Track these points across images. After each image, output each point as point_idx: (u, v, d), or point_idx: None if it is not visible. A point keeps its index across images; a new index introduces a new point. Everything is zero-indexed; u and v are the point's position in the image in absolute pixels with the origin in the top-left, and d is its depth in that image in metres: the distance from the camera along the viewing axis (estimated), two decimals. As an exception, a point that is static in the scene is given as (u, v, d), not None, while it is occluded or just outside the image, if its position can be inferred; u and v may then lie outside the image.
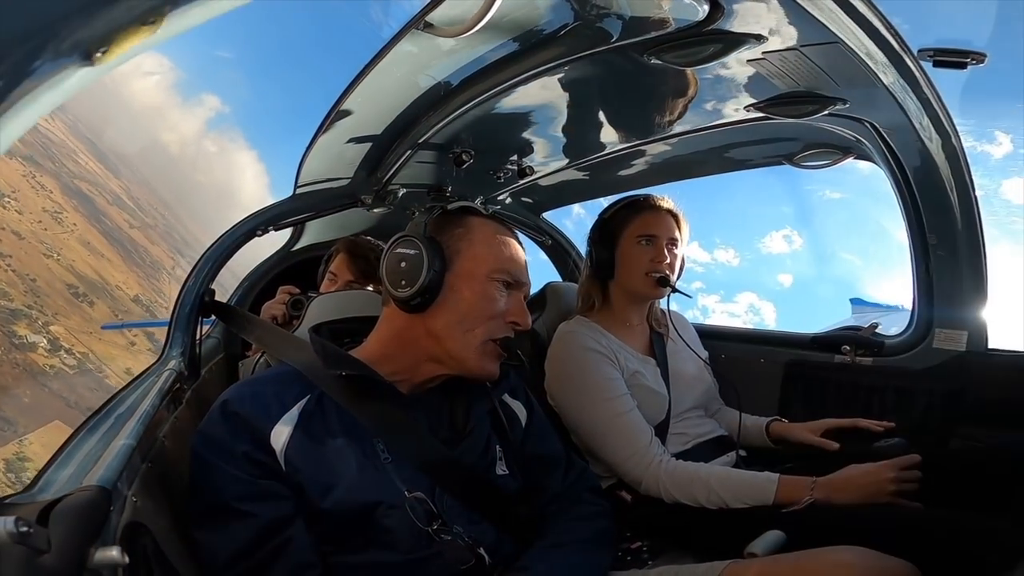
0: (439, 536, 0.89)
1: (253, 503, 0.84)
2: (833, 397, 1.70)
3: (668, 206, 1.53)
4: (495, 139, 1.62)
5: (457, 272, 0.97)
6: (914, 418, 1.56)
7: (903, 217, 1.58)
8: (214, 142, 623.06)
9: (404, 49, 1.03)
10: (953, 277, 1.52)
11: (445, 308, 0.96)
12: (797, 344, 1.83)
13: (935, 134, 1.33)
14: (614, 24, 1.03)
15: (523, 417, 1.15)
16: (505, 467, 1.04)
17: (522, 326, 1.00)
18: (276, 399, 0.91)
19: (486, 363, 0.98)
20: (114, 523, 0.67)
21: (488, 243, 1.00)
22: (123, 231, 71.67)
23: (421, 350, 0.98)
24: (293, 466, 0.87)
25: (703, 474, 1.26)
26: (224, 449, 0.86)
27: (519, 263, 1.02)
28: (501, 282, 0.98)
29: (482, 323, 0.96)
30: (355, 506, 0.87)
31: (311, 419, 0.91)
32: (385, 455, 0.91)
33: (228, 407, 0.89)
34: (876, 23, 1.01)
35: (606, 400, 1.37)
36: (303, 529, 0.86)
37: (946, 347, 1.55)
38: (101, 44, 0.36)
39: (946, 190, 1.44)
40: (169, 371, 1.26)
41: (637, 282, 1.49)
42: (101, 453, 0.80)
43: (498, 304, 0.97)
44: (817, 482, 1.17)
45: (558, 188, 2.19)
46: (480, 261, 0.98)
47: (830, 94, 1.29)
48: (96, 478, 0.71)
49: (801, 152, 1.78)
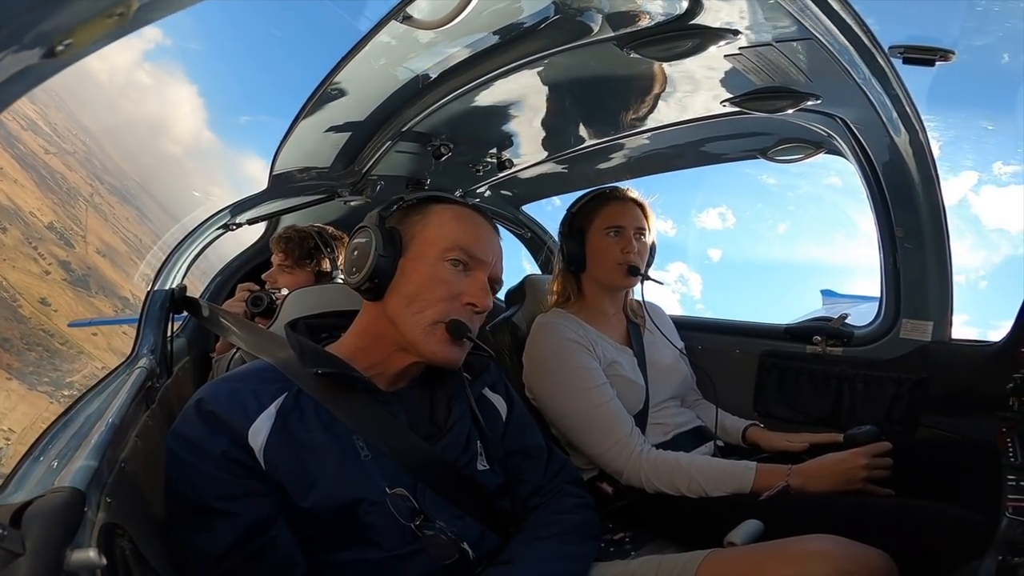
0: (422, 532, 0.88)
1: (234, 502, 0.83)
2: (806, 386, 1.75)
3: (633, 196, 1.55)
4: (474, 132, 1.62)
5: (409, 256, 0.95)
6: (882, 407, 1.60)
7: (872, 210, 1.62)
8: (149, 74, 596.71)
9: (383, 40, 1.01)
10: (919, 269, 1.57)
11: (396, 291, 0.94)
12: (771, 335, 1.87)
13: (903, 130, 1.36)
14: (594, 18, 1.03)
15: (503, 411, 1.14)
16: (486, 462, 1.04)
17: (480, 308, 0.96)
18: (253, 397, 0.89)
19: (437, 347, 0.94)
20: (89, 524, 0.65)
21: (442, 224, 0.97)
22: (38, 156, 68.98)
23: (388, 339, 0.97)
24: (272, 464, 0.85)
25: (684, 463, 1.28)
26: (201, 449, 0.84)
27: (480, 241, 0.98)
28: (453, 261, 0.95)
29: (431, 304, 0.93)
30: (336, 504, 0.86)
31: (289, 417, 0.88)
32: (365, 452, 0.90)
33: (203, 406, 0.87)
34: (849, 20, 1.03)
35: (585, 390, 1.38)
36: (286, 528, 0.85)
37: (912, 337, 1.60)
38: (65, 36, 0.34)
39: (913, 184, 1.48)
40: (140, 369, 1.23)
41: (608, 273, 1.51)
42: (73, 453, 0.78)
43: (450, 284, 0.94)
44: (792, 470, 1.22)
45: (537, 181, 2.19)
46: (431, 242, 0.95)
47: (803, 89, 1.32)
48: (69, 479, 0.69)
49: (774, 146, 1.81)
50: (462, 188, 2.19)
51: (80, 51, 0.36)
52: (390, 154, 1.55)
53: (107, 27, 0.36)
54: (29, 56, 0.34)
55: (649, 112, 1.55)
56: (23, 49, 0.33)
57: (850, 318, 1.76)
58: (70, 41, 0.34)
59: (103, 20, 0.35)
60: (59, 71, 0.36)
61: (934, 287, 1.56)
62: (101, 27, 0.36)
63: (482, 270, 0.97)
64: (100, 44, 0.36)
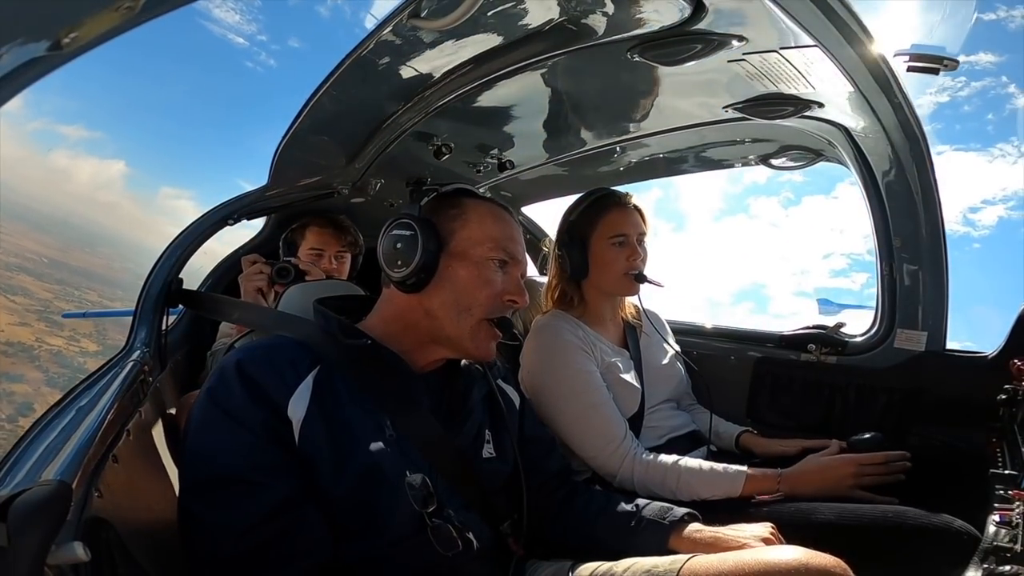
0: (431, 520, 0.87)
1: (269, 474, 0.81)
2: (799, 394, 1.75)
3: (633, 202, 1.55)
4: (475, 133, 1.61)
5: (452, 252, 0.96)
6: (875, 415, 1.61)
7: (870, 219, 1.63)
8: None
9: (387, 39, 1.01)
10: (916, 279, 1.58)
11: (441, 288, 0.95)
12: (766, 342, 1.88)
13: (904, 139, 1.37)
14: (598, 21, 1.02)
15: (517, 402, 1.17)
16: (492, 449, 1.04)
17: (520, 304, 0.99)
18: (291, 367, 0.87)
19: (482, 344, 0.97)
20: (76, 518, 0.65)
21: (482, 223, 0.98)
22: None
23: (422, 331, 0.97)
24: (307, 439, 0.83)
25: (677, 467, 1.29)
26: (240, 415, 0.81)
27: (515, 241, 1.00)
28: (497, 261, 0.97)
29: (480, 303, 0.95)
30: (359, 483, 0.84)
31: (324, 390, 0.87)
32: (391, 432, 0.89)
33: (245, 369, 0.84)
34: (854, 28, 1.03)
35: (582, 393, 1.39)
36: (315, 508, 0.83)
37: (906, 347, 1.61)
38: (72, 28, 0.33)
39: (912, 194, 1.48)
40: (133, 362, 1.22)
41: (614, 282, 1.50)
42: (62, 446, 0.77)
43: (494, 284, 0.96)
44: (782, 475, 1.24)
45: (537, 183, 2.19)
46: (475, 241, 0.97)
47: (807, 97, 1.32)
48: (57, 472, 0.68)
49: (775, 153, 1.82)
50: (462, 187, 2.19)
51: (86, 43, 0.35)
52: (391, 153, 1.54)
53: (114, 19, 0.35)
54: (35, 48, 0.33)
55: (651, 116, 1.55)
56: (29, 41, 0.32)
57: (846, 327, 1.76)
58: (76, 33, 0.34)
59: (111, 13, 0.35)
60: (65, 63, 0.35)
61: (930, 297, 1.57)
62: (108, 19, 0.35)
63: (518, 268, 1.01)
64: (107, 36, 0.36)
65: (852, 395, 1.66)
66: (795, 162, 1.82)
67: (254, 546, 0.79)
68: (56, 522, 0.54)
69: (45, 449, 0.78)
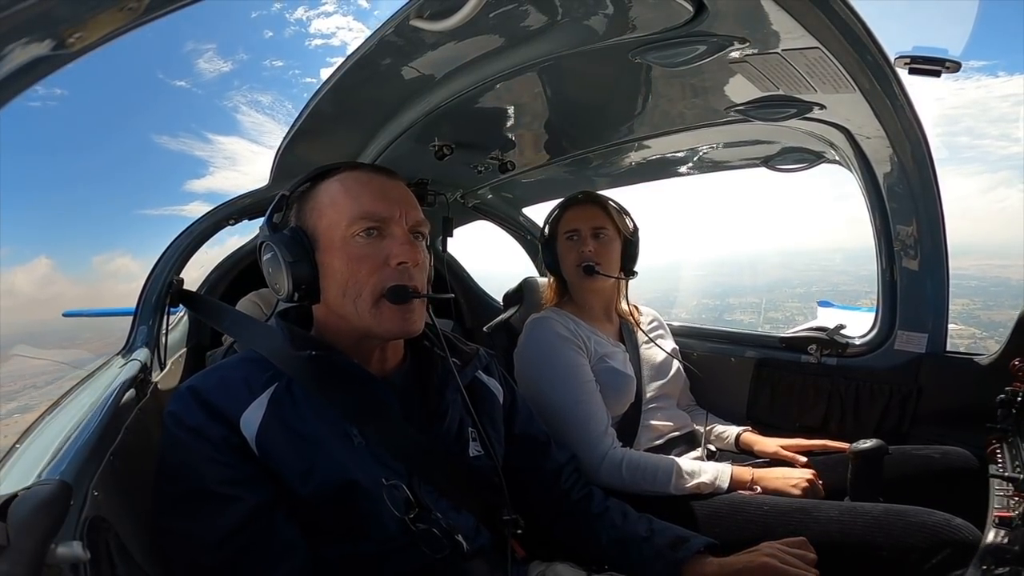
0: (415, 525, 0.87)
1: (237, 487, 0.81)
2: (799, 396, 1.75)
3: (591, 197, 1.61)
4: (477, 134, 1.61)
5: (322, 247, 0.91)
6: (875, 417, 1.61)
7: (871, 222, 1.63)
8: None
9: (389, 40, 1.01)
10: (916, 281, 1.58)
11: (329, 286, 0.92)
12: (766, 344, 1.88)
13: (906, 141, 1.37)
14: (600, 22, 1.02)
15: (500, 394, 1.14)
16: (479, 447, 1.02)
17: (410, 262, 0.90)
18: (244, 385, 0.88)
19: (390, 323, 0.90)
20: (75, 518, 0.65)
21: (334, 203, 0.92)
22: None
23: (344, 332, 0.94)
24: (265, 452, 0.83)
25: (658, 463, 1.31)
26: (202, 434, 0.82)
27: (374, 199, 0.91)
28: (361, 233, 0.90)
29: (363, 284, 0.89)
30: (332, 491, 0.84)
31: (281, 405, 0.87)
32: (359, 439, 0.89)
33: (199, 394, 0.85)
34: (856, 30, 1.03)
35: (571, 387, 1.40)
36: (284, 514, 0.84)
37: (906, 349, 1.61)
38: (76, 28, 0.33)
39: (913, 196, 1.48)
40: (133, 361, 1.22)
41: (571, 275, 1.58)
42: (62, 446, 0.77)
43: (370, 257, 0.90)
44: (754, 474, 1.31)
45: (539, 184, 2.19)
46: (333, 224, 0.91)
47: (809, 99, 1.32)
48: (57, 471, 0.68)
49: (777, 155, 1.82)
50: (463, 189, 2.19)
51: (91, 43, 0.35)
52: (392, 153, 1.54)
53: (119, 19, 0.35)
54: (39, 47, 0.33)
55: (652, 118, 1.56)
56: (33, 40, 0.32)
57: (846, 328, 1.76)
58: (81, 33, 0.34)
59: (114, 12, 0.35)
60: (69, 62, 0.35)
61: (930, 299, 1.57)
62: (113, 19, 0.35)
63: (396, 224, 0.92)
64: (111, 36, 0.36)
65: (852, 397, 1.66)
66: (796, 164, 1.82)
67: (231, 555, 0.80)
68: (56, 521, 0.54)
69: (46, 448, 0.78)
